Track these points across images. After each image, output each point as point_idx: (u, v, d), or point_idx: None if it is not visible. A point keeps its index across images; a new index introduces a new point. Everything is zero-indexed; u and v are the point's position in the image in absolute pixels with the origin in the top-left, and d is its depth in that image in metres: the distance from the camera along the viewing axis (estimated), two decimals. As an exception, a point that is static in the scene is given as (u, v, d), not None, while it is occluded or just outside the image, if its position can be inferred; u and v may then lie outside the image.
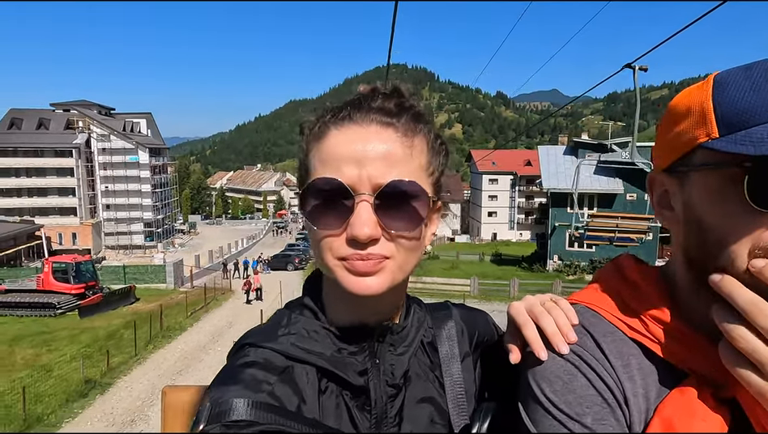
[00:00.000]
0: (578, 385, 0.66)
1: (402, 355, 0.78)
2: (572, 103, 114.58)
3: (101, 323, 20.43)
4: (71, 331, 19.33)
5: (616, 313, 0.71)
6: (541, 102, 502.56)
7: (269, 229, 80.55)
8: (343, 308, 0.76)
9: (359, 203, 0.66)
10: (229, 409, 0.62)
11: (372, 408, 0.74)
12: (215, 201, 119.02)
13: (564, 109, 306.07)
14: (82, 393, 12.46)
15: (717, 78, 0.62)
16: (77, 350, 16.30)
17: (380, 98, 0.71)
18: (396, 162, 0.68)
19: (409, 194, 0.68)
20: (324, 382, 0.73)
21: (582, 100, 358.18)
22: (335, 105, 0.73)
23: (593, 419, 0.64)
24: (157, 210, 67.58)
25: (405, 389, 0.78)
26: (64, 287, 23.56)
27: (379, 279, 0.68)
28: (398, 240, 0.69)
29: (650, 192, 0.71)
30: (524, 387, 0.71)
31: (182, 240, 71.48)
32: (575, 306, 0.75)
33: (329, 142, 0.69)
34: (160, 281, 31.05)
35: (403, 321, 0.81)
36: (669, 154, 0.66)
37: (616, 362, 0.67)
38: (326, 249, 0.69)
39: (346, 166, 0.66)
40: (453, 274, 33.83)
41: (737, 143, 0.55)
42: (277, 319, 0.79)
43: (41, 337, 18.61)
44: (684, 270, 0.68)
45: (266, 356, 0.71)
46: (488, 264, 43.36)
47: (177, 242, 68.99)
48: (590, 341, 0.69)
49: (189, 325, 19.81)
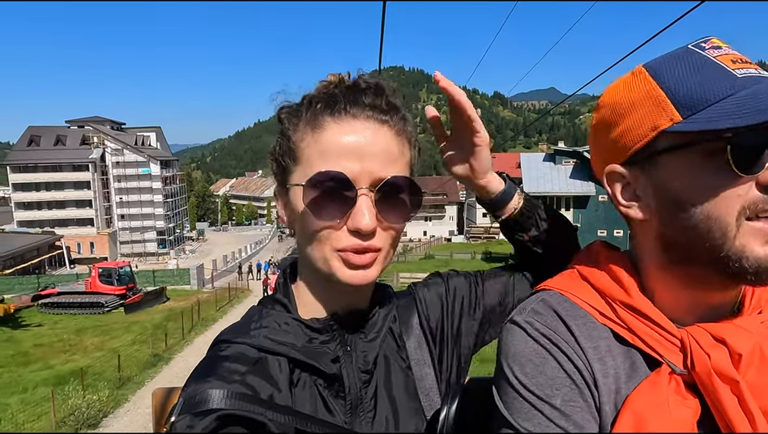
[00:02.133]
0: (548, 368, 0.68)
1: (372, 340, 0.81)
2: (568, 101, 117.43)
3: (145, 317, 24.35)
4: (122, 324, 23.25)
5: (587, 299, 0.73)
6: (539, 101, 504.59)
7: (274, 234, 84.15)
8: (315, 297, 0.79)
9: (360, 196, 0.68)
10: (203, 400, 0.63)
11: (346, 394, 0.76)
12: (221, 208, 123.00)
13: (561, 108, 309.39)
14: (152, 363, 16.38)
15: (649, 69, 0.66)
16: (133, 337, 20.23)
17: (371, 94, 0.74)
18: (394, 158, 0.72)
19: (403, 189, 0.72)
20: (297, 373, 0.75)
21: (580, 98, 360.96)
22: (323, 94, 0.74)
23: (562, 400, 0.66)
24: (169, 219, 71.60)
25: (378, 374, 0.81)
26: (109, 288, 27.55)
27: (373, 270, 0.72)
28: (390, 232, 0.73)
29: (608, 187, 0.72)
30: (498, 370, 0.73)
31: (192, 247, 75.41)
32: (547, 292, 0.77)
33: (328, 134, 0.70)
34: (185, 283, 35.03)
35: (372, 308, 0.83)
36: (623, 147, 0.67)
37: (586, 344, 0.69)
38: (324, 241, 0.71)
39: (347, 160, 0.69)
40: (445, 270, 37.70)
41: (710, 121, 0.58)
42: (250, 315, 0.81)
43: (100, 328, 22.54)
44: (657, 255, 0.69)
45: (239, 350, 0.73)
46: (479, 261, 47.09)
47: (188, 249, 72.94)
48: (561, 325, 0.71)
49: (220, 316, 23.77)
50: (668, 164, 0.64)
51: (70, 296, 27.18)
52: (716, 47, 0.65)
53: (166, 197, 71.30)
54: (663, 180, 0.65)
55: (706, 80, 0.61)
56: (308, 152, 0.71)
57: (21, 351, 19.09)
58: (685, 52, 0.65)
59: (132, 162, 68.27)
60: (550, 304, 0.74)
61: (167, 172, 72.85)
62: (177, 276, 35.95)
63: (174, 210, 75.07)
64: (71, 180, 65.66)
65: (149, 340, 19.42)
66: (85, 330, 22.34)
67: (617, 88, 0.70)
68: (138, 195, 68.58)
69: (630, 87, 0.67)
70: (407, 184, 0.73)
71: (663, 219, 0.66)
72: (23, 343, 20.14)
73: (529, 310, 0.74)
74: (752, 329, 0.66)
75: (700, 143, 0.60)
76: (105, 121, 73.46)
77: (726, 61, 0.62)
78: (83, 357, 18.02)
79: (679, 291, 0.69)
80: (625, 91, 0.68)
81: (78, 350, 19.34)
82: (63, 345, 19.89)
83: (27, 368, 16.97)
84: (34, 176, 64.51)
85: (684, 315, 0.69)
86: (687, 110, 0.61)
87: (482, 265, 43.27)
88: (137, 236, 68.89)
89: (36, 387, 14.78)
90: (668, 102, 0.62)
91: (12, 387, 15.00)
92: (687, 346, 0.65)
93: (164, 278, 35.54)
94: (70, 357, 18.28)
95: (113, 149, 67.85)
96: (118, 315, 25.51)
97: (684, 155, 0.62)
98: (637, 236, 0.73)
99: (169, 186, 73.59)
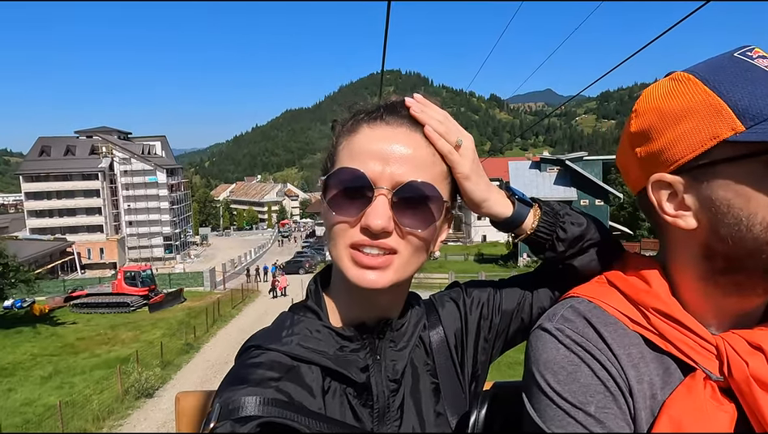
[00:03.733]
0: (581, 375, 0.67)
1: (402, 350, 0.81)
2: (565, 103, 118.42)
3: (169, 315, 27.20)
4: (149, 321, 26.10)
5: (617, 306, 0.73)
6: (535, 102, 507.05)
7: (275, 238, 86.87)
8: (345, 304, 0.80)
9: (377, 196, 0.70)
10: (239, 406, 0.64)
11: (374, 403, 0.76)
12: (222, 213, 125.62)
13: (558, 109, 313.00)
14: (185, 351, 19.28)
15: (700, 76, 0.65)
16: (162, 332, 23.08)
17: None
18: (419, 165, 0.72)
19: (426, 196, 0.72)
20: (327, 381, 0.75)
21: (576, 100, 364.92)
22: (369, 106, 0.78)
23: (596, 407, 0.65)
24: (175, 225, 74.34)
25: (405, 383, 0.81)
26: (133, 290, 30.42)
27: (384, 274, 0.71)
28: (409, 238, 0.72)
29: (653, 197, 0.70)
30: (528, 378, 0.72)
31: (197, 252, 77.95)
32: (576, 299, 0.77)
33: (360, 137, 0.74)
34: (198, 285, 37.90)
35: (402, 317, 0.84)
36: (672, 156, 0.66)
37: (619, 351, 0.68)
38: (340, 235, 0.72)
39: (371, 161, 0.71)
40: (438, 270, 40.71)
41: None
42: (281, 321, 0.81)
43: (130, 325, 25.39)
44: (698, 264, 0.68)
45: (271, 357, 0.73)
46: (471, 262, 50.16)
47: (193, 253, 75.58)
48: (593, 332, 0.70)
49: (237, 313, 26.73)
50: (726, 174, 0.62)
51: (99, 297, 30.07)
52: (763, 56, 0.64)
53: (172, 204, 73.97)
54: (719, 190, 0.63)
55: (765, 91, 0.60)
56: (341, 154, 0.75)
57: (67, 343, 21.95)
58: (734, 61, 0.63)
59: (139, 170, 71.02)
60: (580, 311, 0.73)
61: (172, 179, 75.62)
62: (191, 278, 38.88)
63: (179, 216, 77.84)
64: (81, 188, 68.31)
65: (177, 333, 22.34)
66: (117, 326, 25.20)
67: (662, 95, 0.67)
68: (145, 202, 71.27)
69: (680, 94, 0.65)
70: (432, 191, 0.72)
71: (713, 229, 0.65)
72: (67, 337, 22.99)
73: (559, 317, 0.74)
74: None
75: (763, 154, 0.59)
76: (113, 131, 76.24)
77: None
78: (122, 347, 20.90)
79: (716, 298, 0.68)
80: (673, 99, 0.66)
81: (117, 342, 22.21)
82: (102, 338, 22.77)
83: (78, 357, 19.87)
84: (46, 185, 67.19)
85: (716, 321, 0.69)
86: (750, 120, 0.59)
87: (474, 266, 46.40)
88: (144, 241, 71.48)
89: (92, 370, 17.70)
90: (729, 111, 0.61)
91: (72, 370, 17.92)
92: (723, 353, 0.65)
93: (179, 281, 38.46)
94: (111, 348, 21.17)
95: (121, 158, 70.61)
96: (143, 313, 28.35)
97: (745, 165, 0.61)
98: (675, 244, 0.71)
99: (175, 193, 76.34)
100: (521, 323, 0.92)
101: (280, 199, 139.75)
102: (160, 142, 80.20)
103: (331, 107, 42.68)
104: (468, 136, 0.80)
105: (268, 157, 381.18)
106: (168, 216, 72.62)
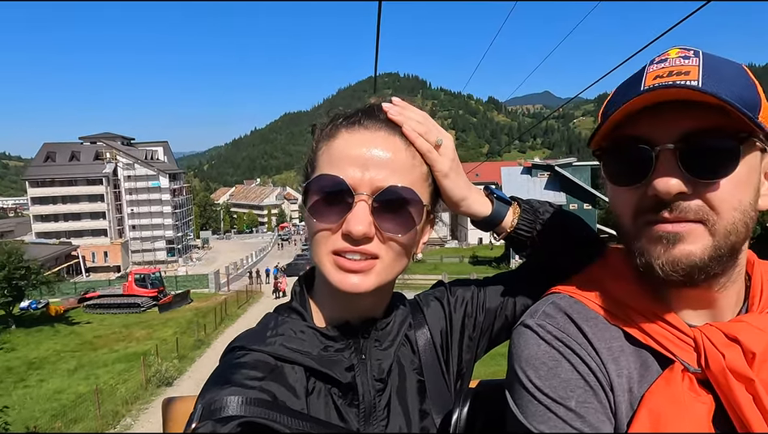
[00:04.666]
0: (562, 370, 0.68)
1: (387, 349, 0.81)
2: (562, 106, 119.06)
3: (177, 315, 28.87)
4: (159, 320, 27.77)
5: (598, 301, 0.74)
6: (533, 105, 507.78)
7: (275, 242, 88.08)
8: (330, 306, 0.80)
9: (357, 202, 0.70)
10: (221, 407, 0.63)
11: (360, 403, 0.76)
12: (223, 217, 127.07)
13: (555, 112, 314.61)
14: (197, 346, 20.96)
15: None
16: (173, 330, 24.73)
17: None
18: (398, 169, 0.72)
19: (406, 200, 0.72)
20: (312, 382, 0.75)
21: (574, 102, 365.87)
22: (348, 111, 0.78)
23: (577, 401, 0.66)
24: (177, 229, 75.94)
25: (392, 382, 0.81)
26: (143, 291, 32.13)
27: (366, 278, 0.72)
28: (390, 243, 0.73)
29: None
30: (510, 374, 0.73)
31: (199, 255, 79.43)
32: (557, 295, 0.77)
33: (338, 142, 0.74)
34: (204, 286, 39.56)
35: (387, 316, 0.84)
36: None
37: (600, 345, 0.69)
38: (322, 242, 0.72)
39: (350, 167, 0.71)
40: (433, 272, 42.43)
41: None
42: (265, 322, 0.81)
43: (142, 324, 27.06)
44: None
45: (255, 358, 0.73)
46: (466, 264, 51.85)
47: (195, 256, 76.99)
48: (573, 327, 0.71)
49: (242, 312, 28.41)
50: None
51: (111, 298, 31.78)
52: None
53: (174, 208, 75.61)
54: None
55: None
56: (320, 160, 0.75)
57: (86, 340, 23.66)
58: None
59: (142, 175, 72.70)
60: (561, 307, 0.74)
61: (174, 184, 77.30)
62: (196, 281, 40.58)
63: (181, 220, 79.40)
64: (86, 193, 69.97)
65: (187, 331, 24.02)
66: (130, 326, 26.88)
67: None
68: (148, 207, 72.88)
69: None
70: (412, 196, 0.72)
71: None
72: (85, 335, 24.69)
73: (540, 313, 0.74)
74: (764, 327, 0.66)
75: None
76: (116, 136, 77.92)
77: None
78: (138, 344, 22.60)
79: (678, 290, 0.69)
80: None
81: (132, 339, 23.90)
82: (117, 336, 24.47)
83: (98, 352, 21.60)
84: (51, 190, 68.82)
85: (695, 314, 0.69)
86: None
87: (468, 267, 48.42)
88: (147, 245, 73.08)
89: (113, 363, 19.39)
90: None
91: (94, 364, 19.65)
92: (700, 346, 0.65)
93: (185, 283, 40.21)
94: (127, 344, 22.88)
95: (125, 164, 72.28)
96: (153, 313, 30.03)
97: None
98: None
99: (177, 198, 77.96)
100: (505, 321, 0.93)
101: (279, 202, 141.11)
102: (163, 147, 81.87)
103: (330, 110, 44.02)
104: (448, 135, 0.81)
105: (267, 160, 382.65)
106: (171, 220, 74.23)
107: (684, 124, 0.64)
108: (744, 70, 0.69)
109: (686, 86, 0.63)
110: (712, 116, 0.63)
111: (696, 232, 0.65)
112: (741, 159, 0.64)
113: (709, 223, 0.64)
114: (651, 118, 0.66)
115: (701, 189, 0.64)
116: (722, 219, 0.64)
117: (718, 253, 0.65)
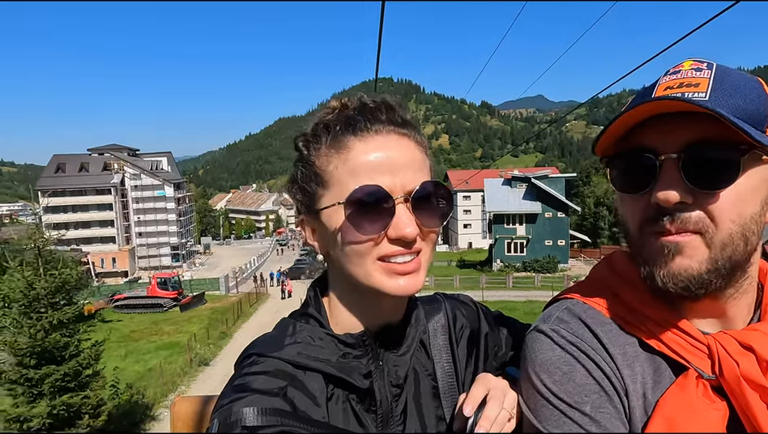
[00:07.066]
0: (577, 375, 0.67)
1: (403, 355, 0.82)
2: (558, 119, 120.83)
3: (198, 314, 33.04)
4: (183, 318, 31.89)
5: (611, 307, 0.73)
6: (527, 108, 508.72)
7: (273, 247, 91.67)
8: (348, 312, 0.79)
9: (398, 206, 0.71)
10: (239, 419, 0.63)
11: (377, 408, 0.77)
12: (223, 223, 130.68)
13: (547, 116, 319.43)
14: (221, 338, 25.18)
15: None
16: (197, 326, 28.90)
17: (384, 110, 0.76)
18: (419, 166, 0.75)
19: (437, 193, 0.75)
20: (330, 388, 0.75)
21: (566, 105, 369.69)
22: (338, 117, 0.76)
23: (592, 406, 0.66)
24: (181, 235, 79.81)
25: (408, 388, 0.82)
26: (165, 293, 36.26)
27: (419, 277, 0.73)
28: (429, 237, 0.75)
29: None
30: (524, 378, 0.73)
31: (201, 260, 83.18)
32: (570, 300, 0.77)
33: (355, 153, 0.72)
34: (215, 289, 43.79)
35: (404, 322, 0.84)
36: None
37: (615, 350, 0.69)
38: (365, 253, 0.71)
39: (379, 174, 0.71)
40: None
41: None
42: (282, 328, 0.80)
43: (168, 321, 31.22)
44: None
45: (274, 365, 0.73)
46: (453, 268, 56.31)
47: (198, 261, 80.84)
48: (588, 332, 0.71)
49: (254, 310, 32.71)
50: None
51: (137, 299, 35.95)
52: None
53: (178, 216, 79.54)
54: None
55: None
56: (337, 174, 0.73)
57: (124, 334, 27.81)
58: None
59: (148, 185, 76.67)
60: (575, 312, 0.73)
61: (179, 193, 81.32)
62: (208, 284, 44.79)
63: (186, 227, 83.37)
64: (95, 202, 73.84)
65: (210, 326, 28.20)
66: (158, 322, 31.04)
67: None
68: (153, 215, 76.83)
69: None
70: (438, 188, 0.75)
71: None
72: (122, 330, 28.83)
73: (554, 318, 0.74)
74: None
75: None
76: (123, 148, 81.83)
77: None
78: (170, 337, 26.78)
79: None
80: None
81: (163, 333, 28.08)
82: (150, 330, 28.62)
83: (139, 342, 25.77)
84: (62, 200, 72.56)
85: (706, 322, 0.69)
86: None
87: (455, 270, 53.28)
88: (153, 251, 76.90)
89: (157, 350, 23.61)
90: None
91: (140, 351, 23.87)
92: (714, 353, 0.65)
93: (199, 286, 44.37)
94: (160, 337, 27.04)
95: (132, 174, 76.22)
96: (175, 313, 34.18)
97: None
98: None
99: (181, 206, 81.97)
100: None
101: (276, 208, 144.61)
102: (167, 157, 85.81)
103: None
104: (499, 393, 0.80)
105: (262, 165, 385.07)
106: (176, 227, 78.13)
107: (688, 134, 0.65)
108: (760, 84, 0.68)
109: (683, 98, 0.64)
110: (715, 127, 0.63)
111: (693, 244, 0.65)
112: (743, 172, 0.64)
113: (707, 235, 0.64)
114: (658, 128, 0.67)
115: (702, 200, 0.64)
116: (719, 231, 0.64)
117: (716, 267, 0.65)
